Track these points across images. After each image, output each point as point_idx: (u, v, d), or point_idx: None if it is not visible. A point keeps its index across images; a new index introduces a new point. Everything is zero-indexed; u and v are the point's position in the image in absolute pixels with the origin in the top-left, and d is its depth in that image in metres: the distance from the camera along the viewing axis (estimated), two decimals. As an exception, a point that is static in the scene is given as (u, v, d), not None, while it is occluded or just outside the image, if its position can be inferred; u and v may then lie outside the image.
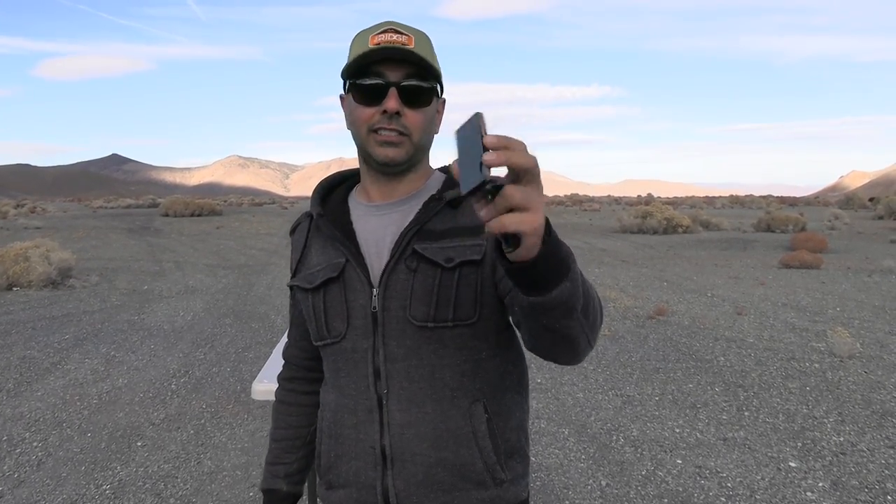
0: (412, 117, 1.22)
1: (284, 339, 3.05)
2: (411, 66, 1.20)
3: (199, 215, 34.40)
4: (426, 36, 1.26)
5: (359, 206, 1.35)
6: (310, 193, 1.47)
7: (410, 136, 1.23)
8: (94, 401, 5.34)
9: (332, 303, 1.29)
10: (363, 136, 1.24)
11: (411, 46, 1.21)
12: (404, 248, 1.24)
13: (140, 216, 34.96)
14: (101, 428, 4.75)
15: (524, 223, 0.79)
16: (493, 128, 0.80)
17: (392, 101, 1.19)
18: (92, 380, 5.90)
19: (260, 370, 2.62)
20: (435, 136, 1.33)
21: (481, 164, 0.75)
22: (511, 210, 0.79)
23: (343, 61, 1.25)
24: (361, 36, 1.24)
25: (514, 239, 0.83)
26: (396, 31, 1.22)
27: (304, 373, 1.51)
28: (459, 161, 0.80)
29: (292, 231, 1.46)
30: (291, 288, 1.41)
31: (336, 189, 1.44)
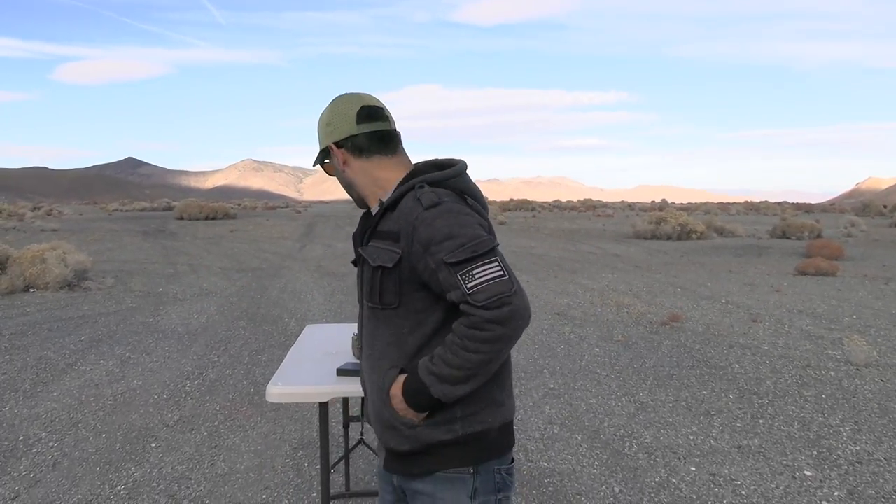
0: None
1: (298, 343, 3.07)
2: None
3: (213, 219, 34.63)
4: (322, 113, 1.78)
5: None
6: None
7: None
8: (109, 402, 5.38)
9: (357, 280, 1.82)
10: None
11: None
12: (364, 246, 1.71)
13: (155, 219, 35.22)
14: (115, 429, 4.79)
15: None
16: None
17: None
18: (107, 381, 5.94)
19: (274, 373, 2.63)
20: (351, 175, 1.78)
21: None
22: None
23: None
24: None
25: None
26: None
27: None
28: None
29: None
30: None
31: None
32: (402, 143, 1.79)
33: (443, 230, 1.52)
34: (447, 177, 1.65)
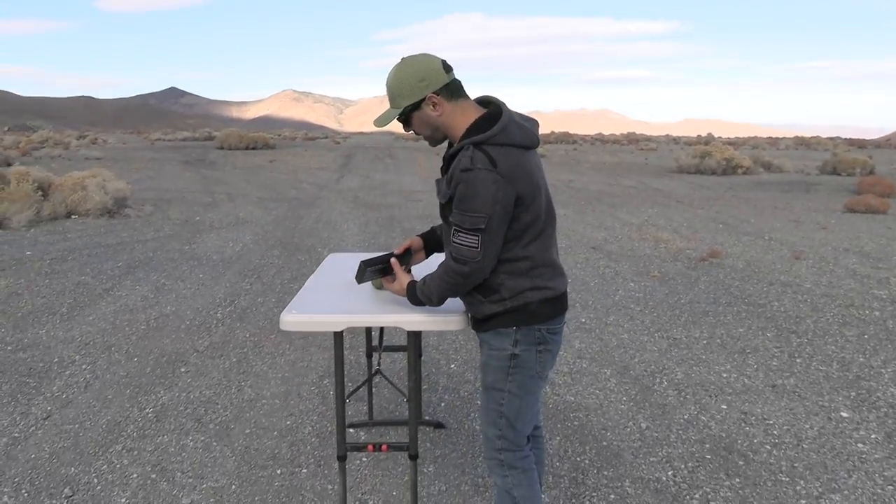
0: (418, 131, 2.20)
1: (318, 271, 3.00)
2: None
3: (253, 149, 34.74)
4: (393, 70, 2.09)
5: None
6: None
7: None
8: (142, 327, 5.46)
9: None
10: None
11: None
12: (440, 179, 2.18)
13: (196, 149, 35.48)
14: (147, 353, 4.86)
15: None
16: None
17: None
18: (141, 306, 6.02)
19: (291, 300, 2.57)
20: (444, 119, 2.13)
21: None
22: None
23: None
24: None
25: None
26: None
27: None
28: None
29: None
30: None
31: None
32: None
33: (462, 193, 1.98)
34: (486, 139, 2.00)
